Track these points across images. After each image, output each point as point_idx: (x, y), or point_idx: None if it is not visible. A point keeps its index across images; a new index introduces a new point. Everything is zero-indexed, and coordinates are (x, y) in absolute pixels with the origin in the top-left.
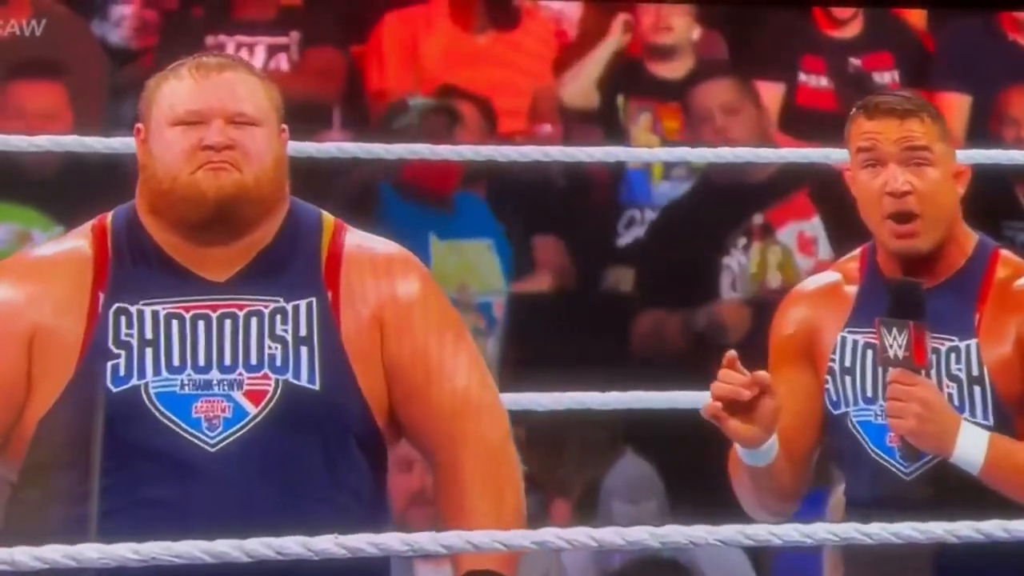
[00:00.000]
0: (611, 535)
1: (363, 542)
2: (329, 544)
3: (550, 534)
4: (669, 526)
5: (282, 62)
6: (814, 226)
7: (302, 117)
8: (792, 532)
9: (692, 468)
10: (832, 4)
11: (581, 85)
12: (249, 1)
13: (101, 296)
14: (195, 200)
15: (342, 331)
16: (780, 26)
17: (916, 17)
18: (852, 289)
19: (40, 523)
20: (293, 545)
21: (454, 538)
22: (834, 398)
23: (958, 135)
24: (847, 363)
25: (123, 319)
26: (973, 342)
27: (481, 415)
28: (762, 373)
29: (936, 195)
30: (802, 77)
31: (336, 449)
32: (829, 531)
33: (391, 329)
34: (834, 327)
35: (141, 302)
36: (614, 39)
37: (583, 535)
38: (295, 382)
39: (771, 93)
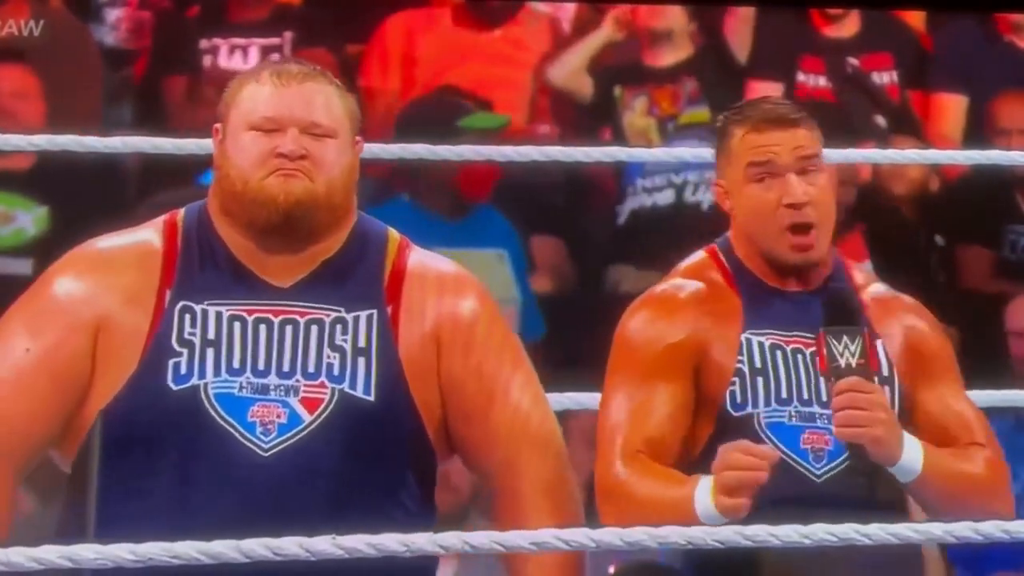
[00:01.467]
0: (609, 536)
1: (360, 543)
2: (326, 545)
3: (548, 535)
4: (667, 527)
5: None
6: (864, 269)
7: None
8: (791, 533)
9: None
10: (831, 5)
11: (567, 67)
12: (243, 2)
13: (168, 293)
14: (265, 204)
15: (400, 345)
16: (778, 25)
17: (915, 18)
18: (730, 294)
19: (91, 515)
20: (290, 546)
21: (452, 539)
22: (739, 400)
23: (955, 136)
24: (757, 364)
25: (187, 317)
26: (879, 343)
27: (540, 442)
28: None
29: (828, 202)
30: (800, 77)
31: (387, 461)
32: (828, 531)
33: (450, 347)
34: (728, 331)
35: (206, 301)
36: (605, 29)
37: (582, 536)
38: (351, 392)
39: (769, 92)
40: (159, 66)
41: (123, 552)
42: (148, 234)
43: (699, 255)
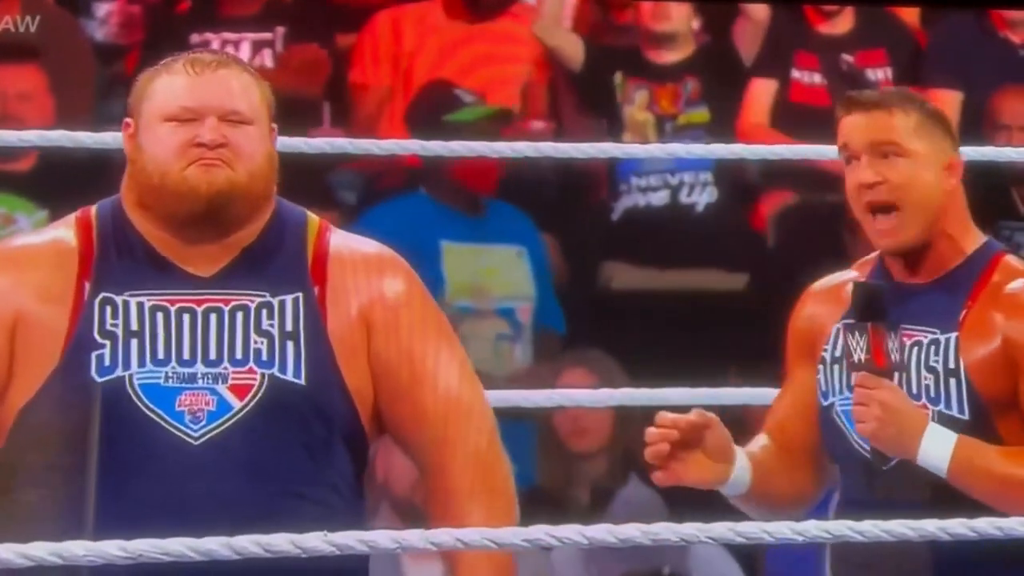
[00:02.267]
0: (602, 532)
1: (352, 539)
2: (318, 542)
3: (541, 532)
4: (660, 524)
5: (266, 58)
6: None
7: (289, 113)
8: (784, 529)
9: (696, 493)
10: (826, 2)
11: (550, 13)
12: None
13: (87, 286)
14: (186, 196)
15: (328, 327)
16: (772, 22)
17: (910, 14)
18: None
19: (16, 514)
20: (282, 543)
21: (444, 536)
22: (823, 388)
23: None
24: (836, 353)
25: (108, 309)
26: (953, 336)
27: (470, 418)
28: (692, 415)
29: (911, 185)
30: (795, 73)
31: (319, 444)
32: (821, 528)
33: (379, 328)
34: (834, 320)
35: (126, 293)
36: None
37: (574, 532)
38: (281, 376)
39: (764, 89)
40: (151, 62)
41: (114, 549)
42: (62, 231)
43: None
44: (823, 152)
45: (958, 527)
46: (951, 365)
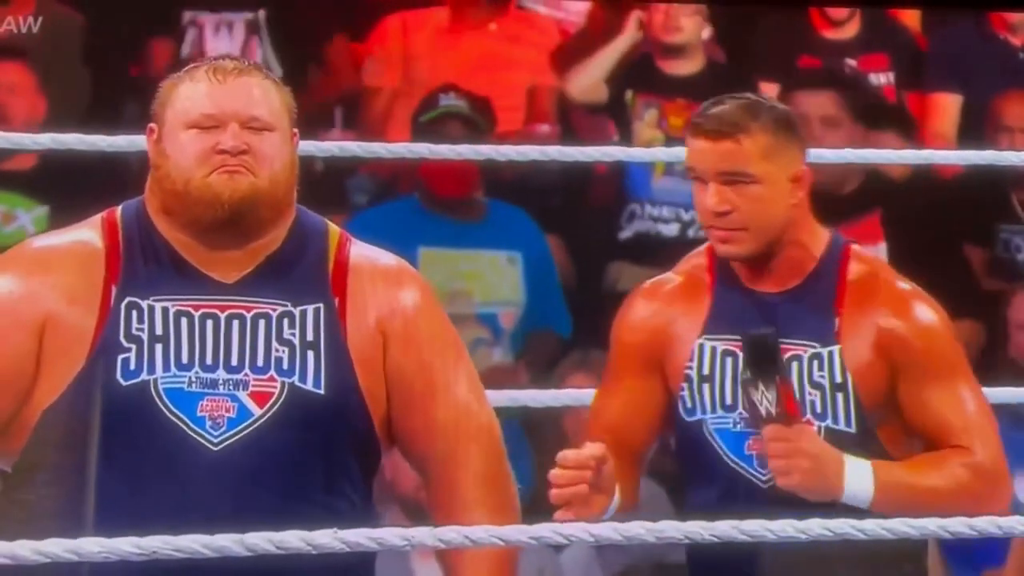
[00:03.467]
0: (607, 530)
1: (362, 536)
2: (328, 539)
3: (547, 529)
4: (664, 522)
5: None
6: (878, 251)
7: (301, 117)
8: (787, 528)
9: None
10: (827, 4)
11: (590, 81)
12: None
13: (113, 289)
14: (209, 202)
15: (348, 338)
16: (777, 27)
17: (911, 18)
18: (705, 293)
19: (36, 512)
20: (293, 540)
21: (452, 534)
22: (689, 405)
23: (950, 135)
24: (705, 371)
25: (134, 313)
26: (835, 348)
27: (479, 434)
28: (589, 453)
29: (759, 209)
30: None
31: (335, 453)
32: (824, 526)
33: (395, 339)
34: (690, 332)
35: (151, 297)
36: (627, 36)
37: (580, 530)
38: (301, 386)
39: (767, 93)
40: (136, 42)
41: (126, 545)
42: (87, 233)
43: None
44: (823, 155)
45: (958, 525)
46: (838, 379)
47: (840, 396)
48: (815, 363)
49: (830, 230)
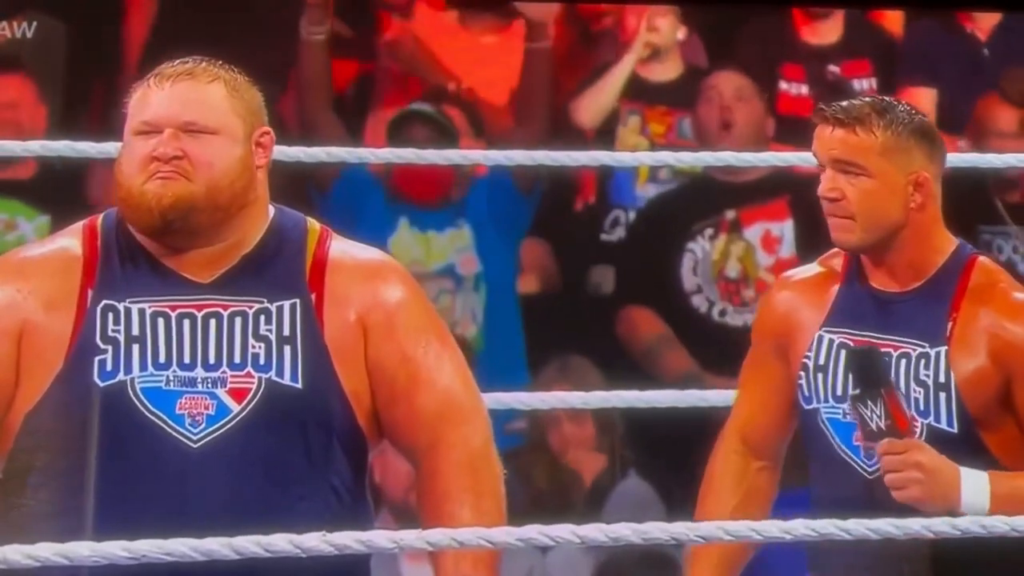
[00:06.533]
0: (594, 532)
1: (350, 539)
2: (317, 542)
3: (534, 531)
4: (651, 523)
5: None
6: (783, 228)
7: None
8: (772, 528)
9: (692, 489)
10: (810, 4)
11: (599, 108)
12: None
13: (90, 293)
14: (143, 210)
15: (325, 332)
16: (760, 34)
17: (894, 23)
18: (834, 287)
19: (23, 517)
20: (281, 543)
21: (440, 535)
22: (806, 393)
23: None
24: (821, 361)
25: (110, 315)
26: (943, 349)
27: (464, 422)
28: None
29: (868, 203)
30: (783, 85)
31: (317, 448)
32: (809, 527)
33: (375, 332)
34: (813, 323)
35: (128, 300)
36: (634, 53)
37: (567, 531)
38: (278, 380)
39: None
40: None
41: (117, 549)
42: (68, 240)
43: None
44: (810, 159)
45: (941, 525)
46: (941, 379)
47: (943, 396)
48: (922, 362)
49: (958, 239)
